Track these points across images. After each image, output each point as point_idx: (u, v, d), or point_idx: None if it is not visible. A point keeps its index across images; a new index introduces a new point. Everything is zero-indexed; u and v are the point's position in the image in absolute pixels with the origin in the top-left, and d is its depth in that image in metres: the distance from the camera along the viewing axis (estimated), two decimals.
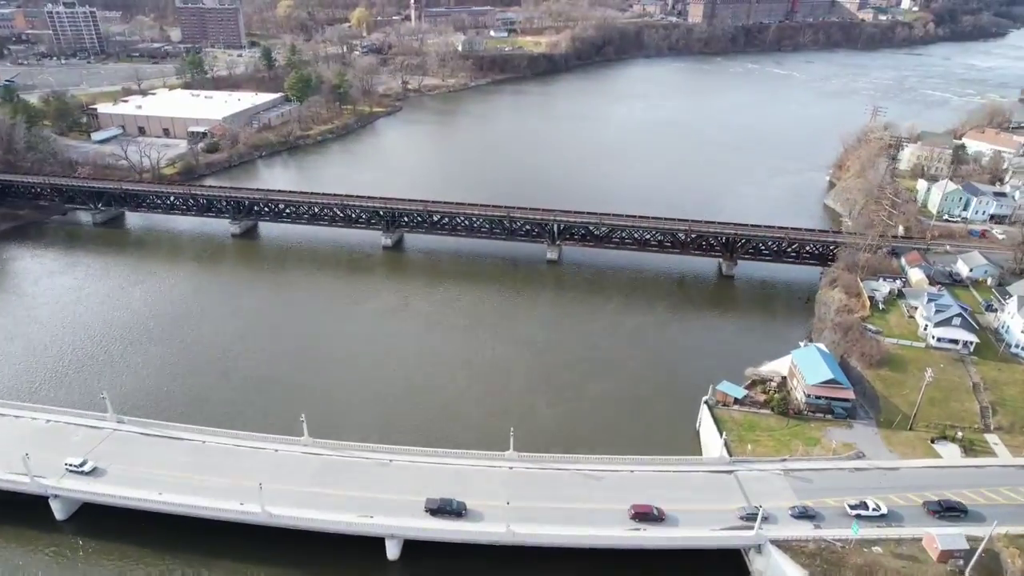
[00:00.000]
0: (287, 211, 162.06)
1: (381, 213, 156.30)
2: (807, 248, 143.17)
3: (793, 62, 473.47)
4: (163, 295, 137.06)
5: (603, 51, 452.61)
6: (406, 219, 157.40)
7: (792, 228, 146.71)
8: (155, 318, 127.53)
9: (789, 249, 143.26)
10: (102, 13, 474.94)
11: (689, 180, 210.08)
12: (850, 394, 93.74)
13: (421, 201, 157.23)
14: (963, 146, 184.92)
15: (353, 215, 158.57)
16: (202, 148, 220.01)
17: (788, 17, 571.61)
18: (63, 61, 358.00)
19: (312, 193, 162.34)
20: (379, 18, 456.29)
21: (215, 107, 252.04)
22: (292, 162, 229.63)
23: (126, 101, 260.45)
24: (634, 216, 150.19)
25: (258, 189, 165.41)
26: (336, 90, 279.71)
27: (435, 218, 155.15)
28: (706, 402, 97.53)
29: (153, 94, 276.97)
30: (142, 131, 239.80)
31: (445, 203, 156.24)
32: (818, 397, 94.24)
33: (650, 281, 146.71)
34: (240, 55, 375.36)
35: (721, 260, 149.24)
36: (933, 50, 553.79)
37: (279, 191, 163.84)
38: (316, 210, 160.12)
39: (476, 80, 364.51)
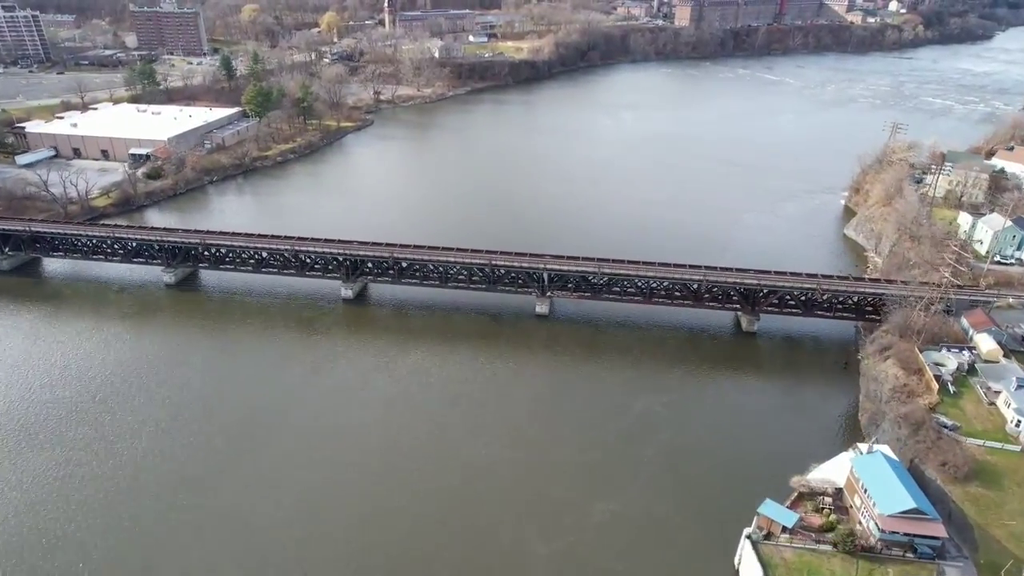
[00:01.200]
0: (229, 257, 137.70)
1: (340, 260, 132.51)
2: (840, 299, 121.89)
3: (784, 67, 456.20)
4: (69, 370, 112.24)
5: (588, 56, 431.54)
6: (370, 266, 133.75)
7: (823, 276, 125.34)
8: (48, 407, 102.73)
9: (821, 300, 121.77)
10: (53, 17, 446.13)
11: (688, 206, 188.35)
12: (940, 530, 72.09)
13: (387, 245, 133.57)
14: (1002, 170, 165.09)
15: (308, 261, 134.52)
16: (143, 174, 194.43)
17: (776, 20, 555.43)
18: (1, 70, 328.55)
19: (259, 236, 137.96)
20: (351, 23, 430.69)
21: (163, 125, 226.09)
22: (247, 188, 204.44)
23: (62, 117, 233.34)
24: (637, 263, 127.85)
25: (196, 231, 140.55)
26: (300, 104, 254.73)
27: (404, 265, 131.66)
28: (749, 536, 75.38)
29: (95, 109, 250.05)
30: (77, 153, 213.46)
31: (415, 248, 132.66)
32: (895, 531, 72.51)
33: (657, 340, 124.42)
34: (200, 63, 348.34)
35: (740, 313, 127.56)
36: (922, 53, 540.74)
37: (220, 233, 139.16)
38: (263, 255, 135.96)
39: (454, 89, 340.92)
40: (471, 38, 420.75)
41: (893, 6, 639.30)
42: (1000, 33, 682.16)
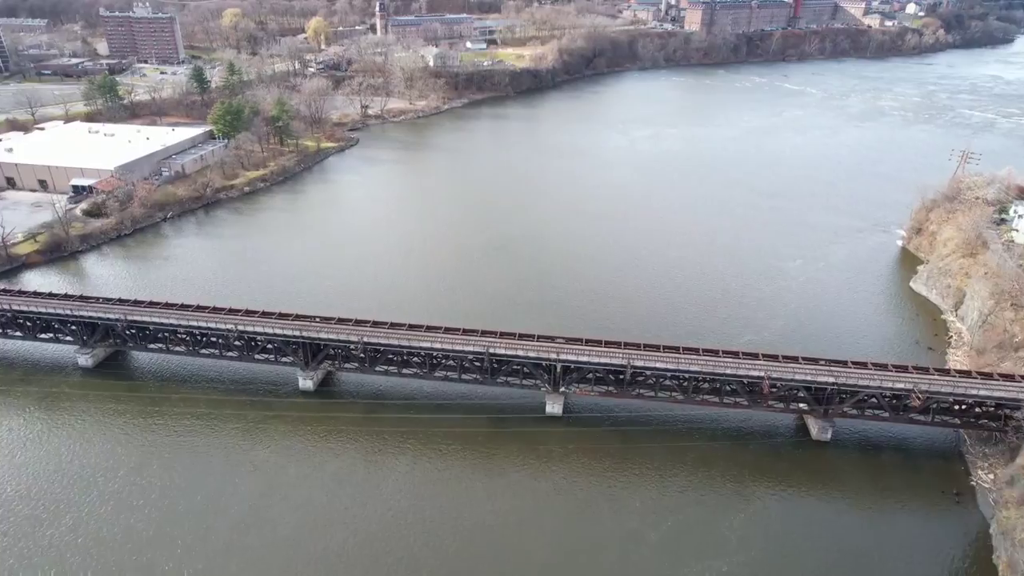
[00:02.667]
0: (160, 336, 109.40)
1: (296, 343, 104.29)
2: (938, 400, 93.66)
3: (801, 74, 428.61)
4: None
5: (593, 63, 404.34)
6: (333, 351, 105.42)
7: (917, 369, 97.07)
8: None
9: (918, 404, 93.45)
10: (23, 21, 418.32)
11: (721, 251, 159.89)
12: None
13: (356, 324, 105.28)
14: None
15: (257, 342, 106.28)
16: (82, 211, 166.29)
17: (790, 23, 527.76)
18: None
19: (197, 309, 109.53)
20: (340, 28, 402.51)
21: (114, 149, 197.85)
22: (207, 226, 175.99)
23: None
24: (677, 350, 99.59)
25: (119, 301, 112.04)
26: (274, 122, 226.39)
27: (377, 351, 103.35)
28: None
29: (41, 128, 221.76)
30: (11, 183, 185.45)
31: (391, 328, 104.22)
32: None
33: (701, 456, 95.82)
34: (175, 72, 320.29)
35: (808, 416, 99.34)
36: (943, 58, 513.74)
37: (149, 306, 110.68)
38: (199, 335, 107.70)
39: (449, 101, 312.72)
40: (469, 45, 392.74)
41: (911, 8, 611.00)
42: (1021, 36, 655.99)
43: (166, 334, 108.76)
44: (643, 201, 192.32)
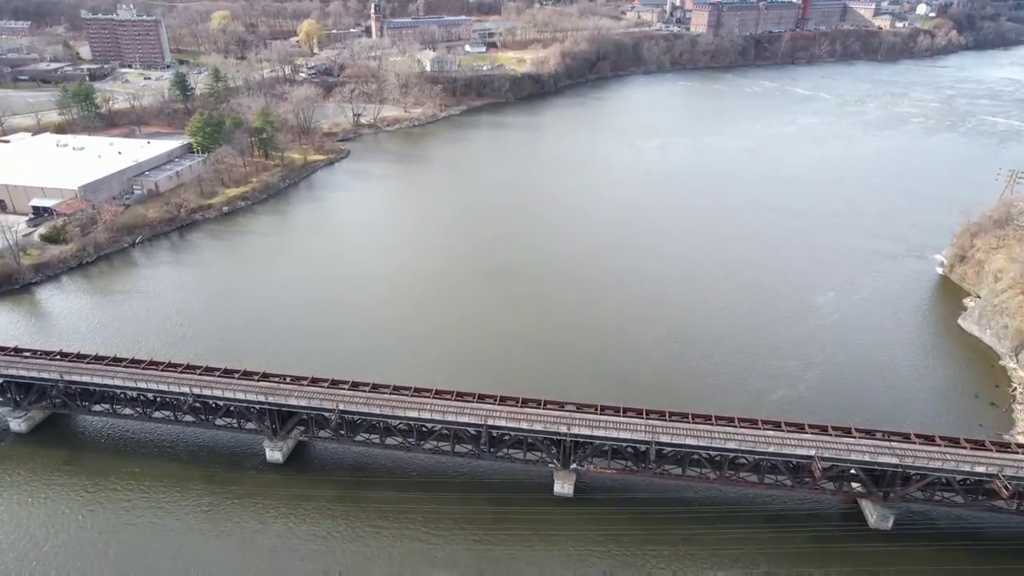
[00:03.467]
0: (107, 398, 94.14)
1: (261, 410, 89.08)
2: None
3: (811, 77, 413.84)
4: None
5: (597, 67, 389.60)
6: (306, 417, 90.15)
7: (998, 447, 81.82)
8: None
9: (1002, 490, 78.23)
10: (6, 24, 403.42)
11: (743, 282, 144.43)
12: None
13: (330, 386, 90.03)
14: None
15: (216, 406, 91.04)
16: (40, 236, 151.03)
17: (799, 25, 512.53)
18: None
19: (148, 366, 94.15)
20: (333, 31, 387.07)
21: (83, 165, 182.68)
22: (181, 252, 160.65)
23: None
24: (709, 419, 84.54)
25: (58, 356, 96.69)
26: (258, 134, 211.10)
27: (356, 420, 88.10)
28: None
29: (6, 141, 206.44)
30: None
31: (372, 391, 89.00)
32: None
33: (735, 545, 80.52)
34: (160, 77, 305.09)
35: (864, 500, 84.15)
36: (956, 61, 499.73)
37: (91, 362, 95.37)
38: (150, 398, 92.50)
39: (447, 108, 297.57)
40: (468, 48, 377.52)
41: (921, 9, 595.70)
42: None
43: (115, 396, 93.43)
44: (655, 223, 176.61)
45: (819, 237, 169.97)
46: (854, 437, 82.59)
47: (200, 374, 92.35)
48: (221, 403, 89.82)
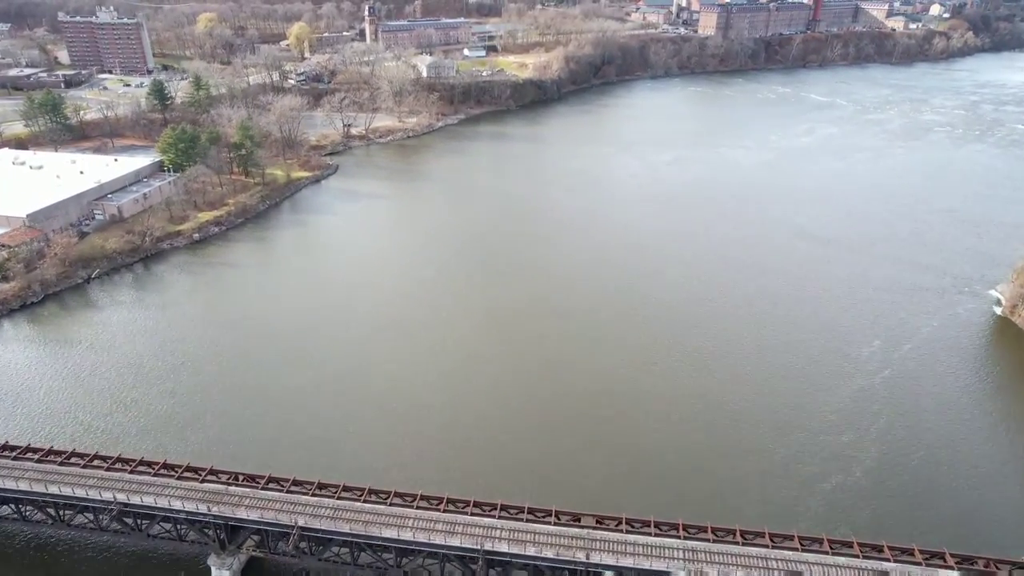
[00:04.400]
0: (11, 500, 76.78)
1: (203, 523, 71.74)
2: None
3: (825, 82, 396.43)
4: None
5: (602, 71, 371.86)
6: (258, 533, 72.85)
7: None
8: None
9: None
10: None
11: (774, 327, 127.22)
12: None
13: (292, 489, 72.66)
14: None
15: (152, 516, 73.67)
16: None
17: (810, 27, 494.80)
18: None
19: (67, 459, 76.89)
20: (326, 34, 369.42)
21: (38, 186, 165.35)
22: (146, 286, 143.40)
23: None
24: (759, 536, 67.19)
25: None
26: (237, 150, 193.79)
27: (318, 536, 70.73)
28: None
29: None
30: None
31: (343, 496, 71.72)
32: None
33: None
34: (141, 84, 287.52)
35: None
36: (972, 63, 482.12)
37: None
38: (71, 512, 75.13)
39: (444, 118, 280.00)
40: (467, 52, 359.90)
41: (935, 10, 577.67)
42: None
43: (22, 504, 76.11)
44: (672, 254, 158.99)
45: (854, 269, 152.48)
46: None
47: (132, 470, 75.12)
48: (156, 518, 72.41)
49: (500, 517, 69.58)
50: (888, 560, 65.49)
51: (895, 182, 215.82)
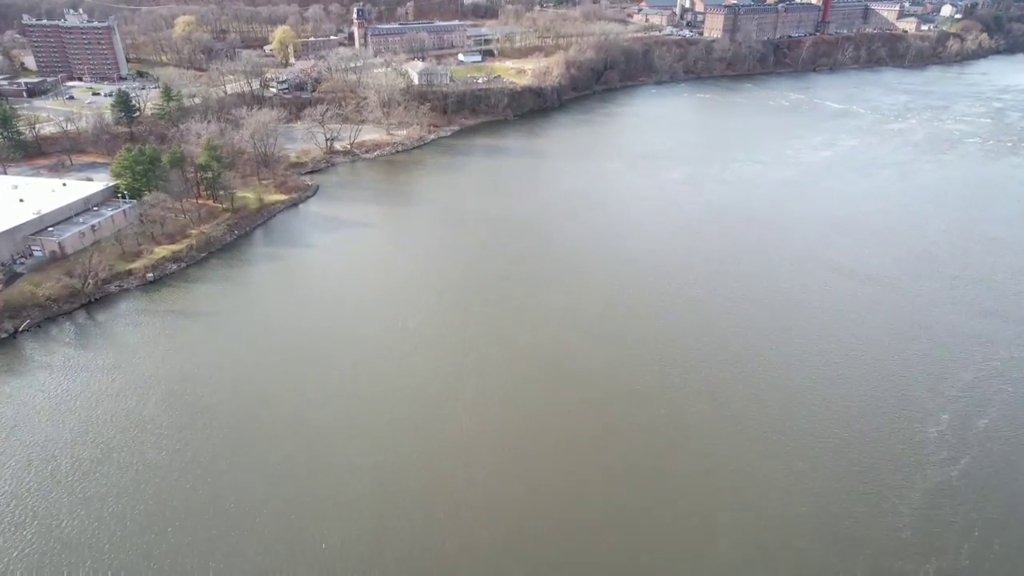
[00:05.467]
0: None
1: None
2: None
3: (839, 87, 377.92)
4: None
5: (605, 77, 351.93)
6: None
7: None
8: None
9: None
10: None
11: (824, 395, 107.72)
12: None
13: None
14: None
15: None
16: None
17: (820, 28, 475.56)
18: None
19: None
20: (312, 38, 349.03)
21: None
22: (84, 341, 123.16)
23: None
24: None
25: None
26: (203, 173, 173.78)
27: None
28: None
29: None
30: None
31: None
32: None
33: None
34: (111, 93, 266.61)
35: None
36: (987, 66, 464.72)
37: None
38: None
39: (437, 130, 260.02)
40: (461, 58, 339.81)
41: (946, 10, 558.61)
42: None
43: None
44: (693, 300, 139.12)
45: (901, 315, 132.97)
46: None
47: None
48: None
49: None
50: None
51: (929, 204, 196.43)
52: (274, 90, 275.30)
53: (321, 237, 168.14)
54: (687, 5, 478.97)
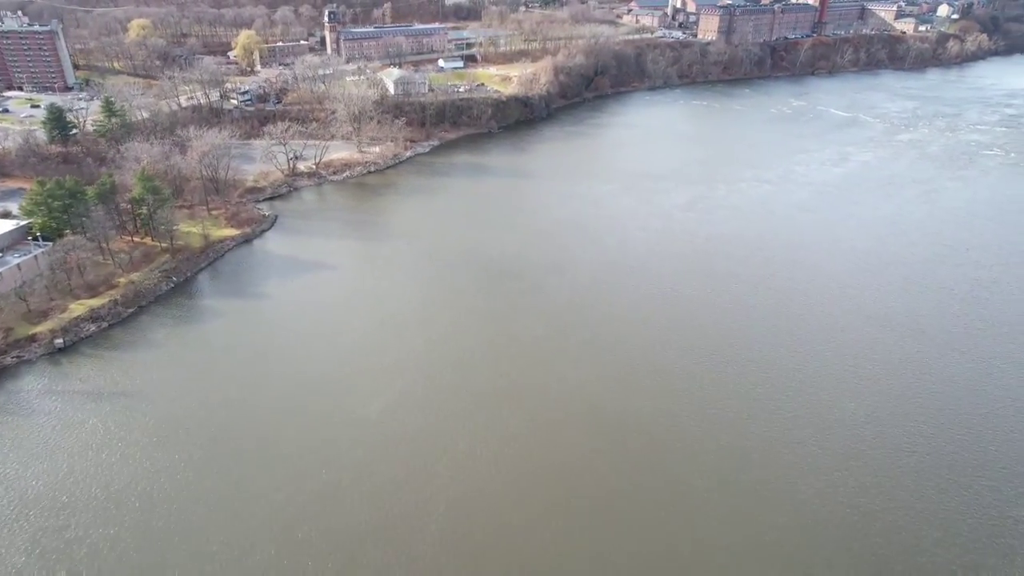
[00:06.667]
0: None
1: None
2: None
3: (841, 91, 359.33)
4: None
5: (595, 83, 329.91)
6: None
7: None
8: None
9: None
10: None
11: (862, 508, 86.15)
12: None
13: None
14: None
15: None
16: None
17: (816, 30, 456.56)
18: None
19: None
20: (281, 42, 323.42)
21: None
22: None
23: None
24: None
25: None
26: (136, 207, 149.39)
27: None
28: None
29: None
30: None
31: None
32: None
33: None
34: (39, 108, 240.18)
35: None
36: (986, 68, 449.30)
37: None
38: None
39: (414, 145, 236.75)
40: (442, 64, 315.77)
41: (943, 10, 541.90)
42: None
43: None
44: (704, 362, 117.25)
45: (964, 383, 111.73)
46: None
47: None
48: None
49: None
50: None
51: (963, 232, 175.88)
52: (235, 102, 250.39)
53: (276, 284, 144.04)
54: (678, 5, 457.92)
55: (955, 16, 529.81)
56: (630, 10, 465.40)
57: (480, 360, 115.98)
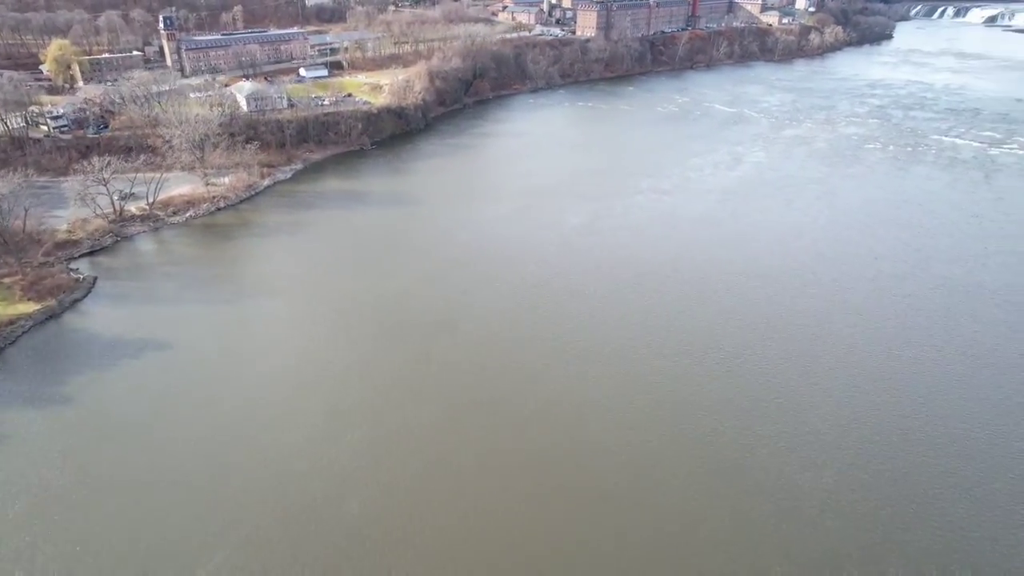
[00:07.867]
0: None
1: None
2: None
3: (720, 85, 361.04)
4: None
5: (475, 87, 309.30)
6: None
7: None
8: None
9: None
10: None
11: None
12: None
13: None
14: None
15: None
16: None
17: (690, 23, 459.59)
18: None
19: None
20: (107, 53, 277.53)
21: None
22: None
23: None
24: None
25: None
26: None
27: None
28: None
29: None
30: None
31: None
32: None
33: None
34: None
35: None
36: (843, 58, 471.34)
37: None
38: None
39: (273, 172, 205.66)
40: (303, 73, 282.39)
41: (801, 4, 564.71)
42: (899, 27, 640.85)
43: None
44: (629, 463, 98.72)
45: (947, 450, 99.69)
46: None
47: None
48: None
49: None
50: None
51: (869, 239, 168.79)
52: (46, 129, 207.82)
53: (85, 385, 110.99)
54: (554, 2, 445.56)
55: (812, 9, 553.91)
56: (505, 7, 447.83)
57: (362, 471, 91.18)
